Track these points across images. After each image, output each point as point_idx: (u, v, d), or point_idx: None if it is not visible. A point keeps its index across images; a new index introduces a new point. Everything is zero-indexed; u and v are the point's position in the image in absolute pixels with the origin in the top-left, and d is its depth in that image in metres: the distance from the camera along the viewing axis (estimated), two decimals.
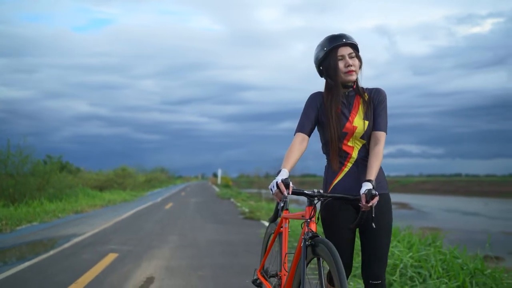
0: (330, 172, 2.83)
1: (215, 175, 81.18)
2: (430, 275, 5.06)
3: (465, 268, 5.16)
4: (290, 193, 2.50)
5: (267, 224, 11.30)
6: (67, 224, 11.81)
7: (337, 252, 2.30)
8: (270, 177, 30.06)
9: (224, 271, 5.79)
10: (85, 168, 35.52)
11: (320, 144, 2.94)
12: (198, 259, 6.65)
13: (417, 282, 4.74)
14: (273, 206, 16.67)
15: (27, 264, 6.20)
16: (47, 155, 23.31)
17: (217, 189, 44.92)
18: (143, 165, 51.23)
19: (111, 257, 6.67)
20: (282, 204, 2.63)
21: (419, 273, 5.06)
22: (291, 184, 2.48)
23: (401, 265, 5.14)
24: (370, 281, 2.71)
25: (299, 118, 2.83)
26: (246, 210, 16.06)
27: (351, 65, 2.70)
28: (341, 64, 2.72)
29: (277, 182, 2.48)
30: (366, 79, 2.87)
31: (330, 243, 2.37)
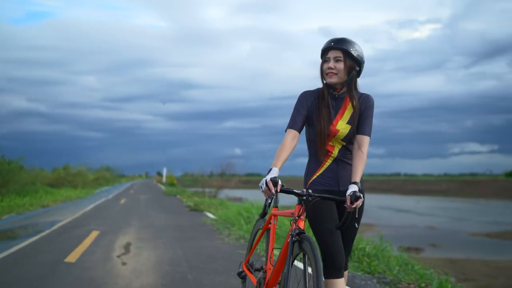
0: (312, 166, 2.98)
1: (160, 174, 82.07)
2: None
3: None
4: (278, 191, 2.58)
5: (209, 214, 14.13)
6: (42, 214, 14.27)
7: (318, 250, 2.42)
8: (214, 176, 31.81)
9: (177, 239, 8.62)
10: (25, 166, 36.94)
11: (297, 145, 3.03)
12: (157, 233, 9.45)
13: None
14: (215, 201, 19.44)
15: (35, 238, 8.76)
16: None
17: (163, 187, 47.19)
18: (87, 164, 52.40)
19: (95, 233, 9.37)
20: (269, 201, 2.64)
21: None
22: (279, 183, 2.57)
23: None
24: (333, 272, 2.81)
25: (290, 115, 2.94)
26: (191, 204, 18.72)
27: (332, 67, 2.82)
28: (325, 66, 2.87)
29: (266, 180, 2.57)
30: (310, 79, 3.05)
31: (313, 240, 2.49)
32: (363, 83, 2.90)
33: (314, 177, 2.93)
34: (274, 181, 2.55)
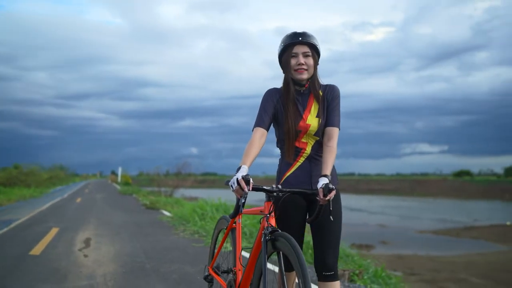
0: (284, 164, 2.91)
1: (114, 173, 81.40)
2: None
3: None
4: (251, 189, 2.49)
5: (165, 212, 14.56)
6: None
7: (298, 245, 2.32)
8: (169, 175, 31.94)
9: (134, 234, 9.11)
10: None
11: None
12: (116, 229, 9.91)
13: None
14: (171, 200, 19.81)
15: None
16: None
17: (118, 186, 47.02)
18: (39, 163, 51.60)
19: (55, 229, 9.76)
20: (243, 200, 2.51)
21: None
22: (251, 181, 2.47)
23: None
24: (324, 273, 2.75)
25: (257, 113, 2.85)
26: (147, 203, 19.10)
27: (302, 64, 2.74)
28: (293, 61, 2.76)
29: (237, 178, 2.46)
30: (267, 79, 3.86)
31: (290, 237, 2.37)
32: None
33: (286, 176, 2.87)
34: (246, 179, 2.45)
